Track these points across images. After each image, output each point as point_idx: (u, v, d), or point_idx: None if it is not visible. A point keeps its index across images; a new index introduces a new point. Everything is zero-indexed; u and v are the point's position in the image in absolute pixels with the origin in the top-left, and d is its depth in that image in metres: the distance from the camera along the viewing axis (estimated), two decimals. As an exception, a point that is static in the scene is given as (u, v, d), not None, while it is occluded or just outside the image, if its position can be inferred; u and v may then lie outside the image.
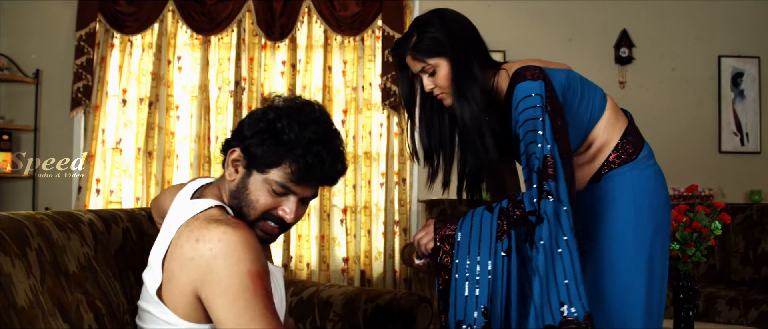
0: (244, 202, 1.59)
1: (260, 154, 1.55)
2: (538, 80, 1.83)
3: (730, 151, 5.18)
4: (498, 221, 1.79)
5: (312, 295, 2.86)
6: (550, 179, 1.74)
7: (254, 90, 4.86)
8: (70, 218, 1.87)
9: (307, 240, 4.87)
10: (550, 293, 1.69)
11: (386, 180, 4.92)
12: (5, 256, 1.52)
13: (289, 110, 1.58)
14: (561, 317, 1.67)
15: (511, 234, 1.78)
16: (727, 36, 5.22)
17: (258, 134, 1.56)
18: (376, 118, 4.98)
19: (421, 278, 4.30)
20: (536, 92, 1.81)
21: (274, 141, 1.54)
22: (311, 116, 1.58)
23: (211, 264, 1.45)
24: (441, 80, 1.94)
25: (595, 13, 5.13)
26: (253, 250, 1.47)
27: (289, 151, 1.53)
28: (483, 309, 1.74)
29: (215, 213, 1.56)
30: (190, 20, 4.81)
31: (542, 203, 1.73)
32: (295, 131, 1.53)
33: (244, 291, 1.44)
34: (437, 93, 1.97)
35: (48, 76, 4.85)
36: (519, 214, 1.78)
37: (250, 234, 1.50)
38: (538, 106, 1.80)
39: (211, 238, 1.46)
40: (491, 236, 1.78)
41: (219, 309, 1.45)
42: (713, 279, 4.47)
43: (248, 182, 1.58)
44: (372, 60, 4.98)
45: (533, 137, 1.79)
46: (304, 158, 1.53)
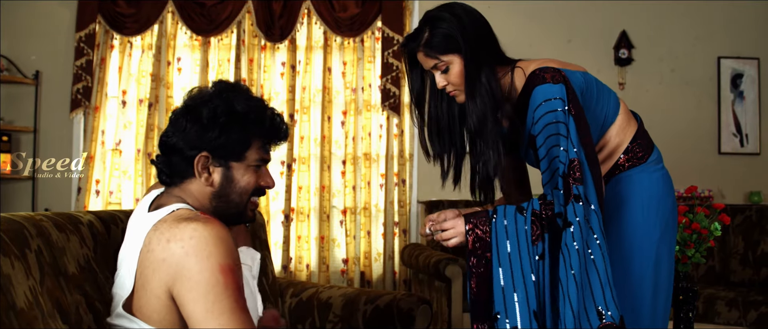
0: (234, 193, 1.63)
1: (229, 143, 1.59)
2: (559, 84, 1.80)
3: (729, 152, 5.18)
4: (532, 224, 1.76)
5: (311, 296, 2.86)
6: (578, 183, 1.72)
7: (254, 91, 4.86)
8: (70, 219, 1.87)
9: (307, 242, 4.87)
10: (585, 298, 1.68)
11: (386, 181, 4.92)
12: (5, 257, 1.52)
13: (211, 95, 1.60)
14: (600, 322, 1.68)
15: (544, 237, 1.76)
16: (727, 37, 5.23)
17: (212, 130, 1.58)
18: (376, 119, 4.98)
19: (421, 279, 4.30)
20: (557, 96, 1.79)
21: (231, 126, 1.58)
22: (233, 89, 1.62)
23: (183, 261, 1.45)
24: (454, 77, 1.90)
25: (594, 15, 5.14)
26: (224, 244, 1.48)
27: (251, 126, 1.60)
28: (534, 313, 1.73)
29: (183, 212, 1.56)
30: (190, 21, 4.81)
31: (569, 207, 1.71)
32: (243, 106, 1.58)
33: (215, 286, 1.44)
34: (450, 90, 1.94)
35: (48, 78, 4.85)
36: (550, 215, 1.75)
37: (222, 229, 1.50)
38: (560, 110, 1.77)
39: (182, 236, 1.46)
40: (527, 241, 1.76)
41: (189, 303, 1.45)
42: (713, 280, 4.47)
43: (231, 174, 1.62)
44: (372, 61, 4.98)
45: (556, 141, 1.77)
46: (261, 126, 1.61)
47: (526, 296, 1.72)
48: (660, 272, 1.95)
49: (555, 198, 1.75)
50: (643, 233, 1.93)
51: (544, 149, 1.80)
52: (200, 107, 1.59)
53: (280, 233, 4.85)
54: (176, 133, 1.60)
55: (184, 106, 1.62)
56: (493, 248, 1.78)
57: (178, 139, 1.60)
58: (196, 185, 1.63)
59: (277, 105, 4.91)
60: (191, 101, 1.62)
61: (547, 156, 1.79)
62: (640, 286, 1.91)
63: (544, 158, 1.80)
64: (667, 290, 1.99)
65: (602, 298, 1.68)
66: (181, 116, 1.61)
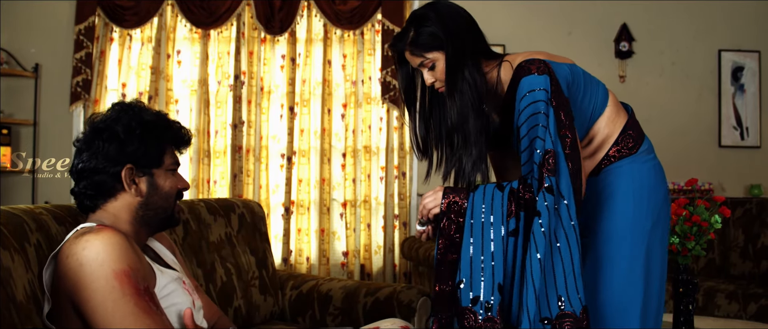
0: (161, 198, 1.73)
1: (147, 153, 1.69)
2: (544, 75, 1.82)
3: (729, 145, 5.18)
4: (508, 200, 1.80)
5: (312, 289, 2.86)
6: (550, 174, 1.74)
7: (254, 84, 4.86)
8: (69, 212, 1.88)
9: (307, 234, 4.87)
10: (547, 285, 1.71)
11: (386, 174, 4.92)
12: (4, 250, 1.52)
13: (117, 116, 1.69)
14: (558, 310, 1.70)
15: (519, 216, 1.79)
16: (727, 30, 5.22)
17: (130, 144, 1.66)
18: (376, 112, 4.98)
19: (421, 272, 4.30)
20: (541, 87, 1.81)
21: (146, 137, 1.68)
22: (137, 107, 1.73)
23: (78, 272, 1.49)
24: (440, 73, 1.94)
25: (594, 7, 5.13)
26: (116, 251, 1.51)
27: (160, 136, 1.72)
28: (498, 286, 1.76)
29: (84, 229, 1.61)
30: (190, 14, 4.80)
31: (540, 196, 1.73)
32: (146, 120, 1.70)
33: (111, 292, 1.48)
34: (438, 86, 1.98)
35: (47, 71, 4.84)
36: (529, 197, 1.78)
37: (116, 236, 1.54)
38: (542, 100, 1.80)
39: (76, 250, 1.51)
40: (502, 215, 1.79)
41: (89, 312, 1.49)
42: (713, 273, 4.47)
43: (155, 180, 1.71)
44: (372, 54, 4.97)
45: (536, 132, 1.79)
46: (169, 133, 1.75)
47: (492, 269, 1.77)
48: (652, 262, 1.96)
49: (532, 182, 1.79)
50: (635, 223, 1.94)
51: (526, 139, 1.82)
52: (113, 125, 1.67)
53: (280, 225, 4.85)
54: (93, 156, 1.66)
55: (93, 129, 1.68)
56: (467, 217, 1.82)
57: (98, 160, 1.65)
58: (120, 202, 1.68)
59: (277, 98, 4.91)
60: (101, 124, 1.69)
61: (529, 147, 1.82)
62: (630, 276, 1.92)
63: (526, 150, 1.83)
64: (660, 280, 2.00)
65: (564, 288, 1.71)
66: (93, 139, 1.67)
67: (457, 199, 1.86)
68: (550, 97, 1.81)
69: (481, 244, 1.79)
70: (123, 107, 1.71)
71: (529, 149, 1.81)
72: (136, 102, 1.76)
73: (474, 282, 1.77)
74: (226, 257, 2.68)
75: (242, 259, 2.76)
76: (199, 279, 2.46)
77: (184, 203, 2.59)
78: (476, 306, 1.76)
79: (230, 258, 2.70)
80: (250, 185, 4.83)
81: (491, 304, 1.75)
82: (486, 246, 1.79)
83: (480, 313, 1.75)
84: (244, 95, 4.85)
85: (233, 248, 2.75)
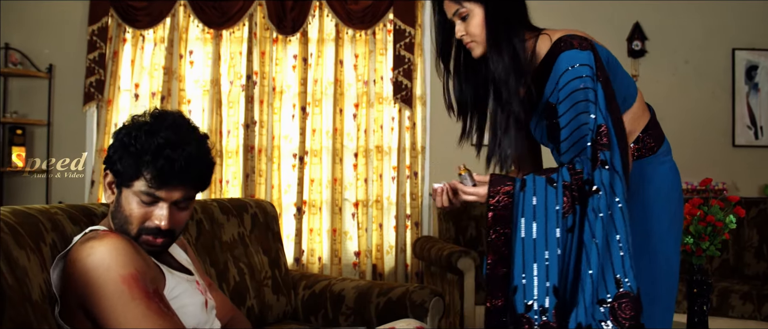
0: (122, 219, 1.64)
1: (122, 169, 1.61)
2: (586, 50, 1.78)
3: (744, 144, 5.14)
4: (563, 196, 1.72)
5: (324, 289, 2.87)
6: (604, 149, 1.70)
7: (266, 84, 4.86)
8: (84, 211, 1.89)
9: (319, 234, 4.88)
10: (604, 264, 1.66)
11: (398, 174, 4.92)
12: (20, 250, 1.53)
13: (140, 123, 1.64)
14: (616, 290, 1.65)
15: (575, 209, 1.72)
16: (741, 29, 5.18)
17: (116, 151, 1.62)
18: (388, 112, 4.97)
19: (433, 272, 4.30)
20: (584, 62, 1.76)
21: (128, 154, 1.60)
22: (162, 124, 1.63)
23: (85, 278, 1.50)
24: (473, 28, 1.88)
25: (607, 6, 5.10)
26: (122, 255, 1.52)
27: (141, 159, 1.59)
28: (554, 288, 1.69)
29: (88, 235, 1.61)
30: (202, 14, 4.82)
31: (597, 173, 1.69)
32: (142, 141, 1.59)
33: (120, 296, 1.48)
34: (467, 41, 1.91)
35: (61, 71, 4.87)
36: (581, 185, 1.72)
37: (120, 241, 1.55)
38: (587, 76, 1.75)
39: (81, 256, 1.51)
40: (557, 215, 1.71)
41: (100, 317, 1.50)
42: (727, 274, 4.45)
43: (121, 199, 1.64)
44: (383, 54, 4.97)
45: (585, 107, 1.74)
46: (154, 163, 1.58)
47: (546, 271, 1.69)
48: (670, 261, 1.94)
49: (583, 166, 1.73)
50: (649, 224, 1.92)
51: (568, 116, 1.77)
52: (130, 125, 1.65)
53: (292, 225, 4.85)
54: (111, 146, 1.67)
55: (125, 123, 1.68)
56: (518, 221, 1.73)
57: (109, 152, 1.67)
58: None
59: (289, 98, 4.92)
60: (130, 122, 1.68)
61: (573, 123, 1.76)
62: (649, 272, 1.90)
63: (567, 126, 1.77)
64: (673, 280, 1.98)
65: (621, 266, 1.66)
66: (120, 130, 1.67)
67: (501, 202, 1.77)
68: (596, 72, 1.76)
69: (533, 246, 1.71)
70: (154, 115, 1.67)
71: (574, 126, 1.76)
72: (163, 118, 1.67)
73: (527, 287, 1.70)
74: (239, 256, 2.69)
75: (255, 259, 2.77)
76: (212, 278, 2.47)
77: (197, 204, 2.59)
78: (530, 313, 1.69)
79: (243, 258, 2.70)
80: (263, 185, 4.84)
81: (547, 308, 1.68)
82: (539, 247, 1.71)
83: (535, 319, 1.68)
84: (256, 94, 4.86)
85: (246, 248, 2.75)
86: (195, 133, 1.68)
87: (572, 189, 1.72)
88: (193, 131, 1.69)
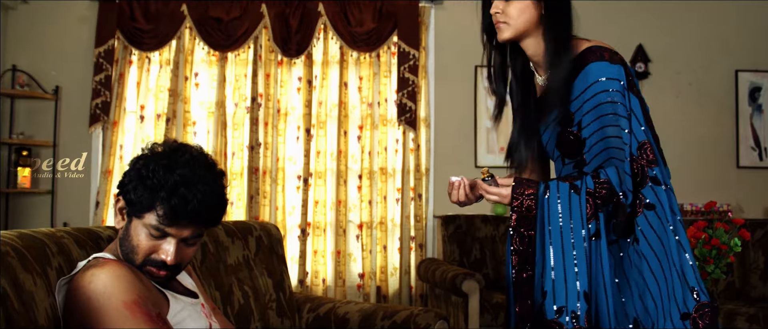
0: (129, 248, 1.64)
1: (135, 200, 1.61)
2: (617, 64, 1.78)
3: (748, 166, 5.14)
4: (587, 203, 1.72)
5: (329, 312, 2.86)
6: (653, 165, 1.71)
7: (270, 106, 4.89)
8: (90, 235, 1.89)
9: (323, 256, 4.87)
10: (674, 282, 1.67)
11: (402, 196, 4.92)
12: (27, 274, 1.53)
13: (158, 155, 1.64)
14: (695, 302, 1.67)
15: (599, 217, 1.72)
16: (744, 50, 5.20)
17: (132, 181, 1.62)
18: (392, 133, 4.99)
19: (438, 294, 4.29)
20: (614, 77, 1.76)
21: (143, 186, 1.59)
22: (179, 159, 1.62)
23: (88, 305, 1.50)
24: (513, 9, 1.85)
25: (610, 29, 5.11)
26: (123, 282, 1.53)
27: (155, 194, 1.58)
28: (584, 294, 1.68)
29: (90, 262, 1.62)
30: (207, 37, 4.85)
31: (648, 189, 1.70)
32: (159, 176, 1.58)
33: (124, 321, 1.49)
34: (499, 19, 1.86)
35: (67, 93, 4.90)
36: (605, 194, 1.72)
37: (120, 268, 1.56)
38: (616, 90, 1.75)
39: (83, 284, 1.52)
40: (582, 220, 1.71)
41: None
42: (733, 296, 4.43)
43: (130, 228, 1.64)
44: (387, 76, 4.99)
45: (615, 121, 1.74)
46: (168, 200, 1.57)
47: (575, 275, 1.69)
48: None
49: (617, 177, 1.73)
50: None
51: (593, 126, 1.77)
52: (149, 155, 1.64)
53: (296, 247, 4.85)
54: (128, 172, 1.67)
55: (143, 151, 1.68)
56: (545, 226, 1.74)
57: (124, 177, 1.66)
58: None
59: (293, 120, 4.94)
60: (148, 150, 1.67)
61: (598, 134, 1.76)
62: None
63: (592, 137, 1.77)
64: None
65: (694, 279, 1.68)
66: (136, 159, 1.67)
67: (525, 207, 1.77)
68: (627, 86, 1.75)
69: (561, 251, 1.71)
70: (173, 147, 1.67)
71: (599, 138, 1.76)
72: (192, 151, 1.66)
73: (557, 292, 1.70)
74: (244, 279, 2.69)
75: (259, 281, 2.76)
76: (216, 301, 2.47)
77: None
78: (561, 317, 1.68)
79: (248, 281, 2.70)
80: (267, 207, 4.85)
81: (578, 313, 1.67)
82: (567, 253, 1.70)
83: (567, 324, 1.67)
84: (261, 116, 4.88)
85: (251, 270, 2.75)
86: (211, 171, 1.67)
87: (595, 197, 1.73)
88: (210, 168, 1.68)
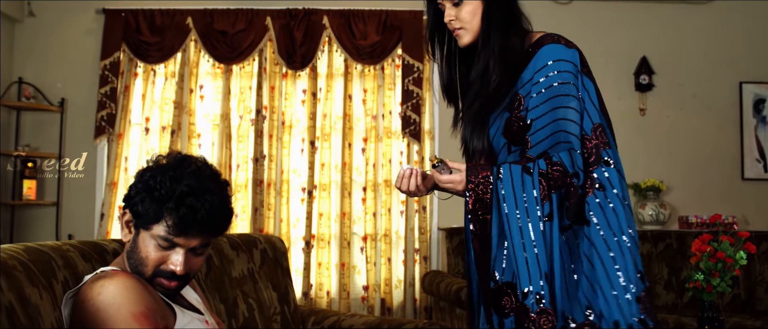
0: (138, 260, 1.65)
1: (142, 211, 1.62)
2: (572, 49, 1.79)
3: (753, 178, 5.12)
4: (539, 184, 1.72)
5: (333, 325, 2.86)
6: (606, 147, 1.72)
7: (275, 118, 4.90)
8: (95, 248, 1.90)
9: (328, 268, 4.87)
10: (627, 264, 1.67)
11: (406, 208, 4.92)
12: (33, 287, 1.54)
13: (164, 166, 1.65)
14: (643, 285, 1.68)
15: (551, 198, 1.72)
16: (748, 62, 5.19)
17: (139, 193, 1.63)
18: (396, 146, 4.99)
19: (442, 307, 4.28)
20: (569, 59, 1.77)
21: (151, 198, 1.60)
22: (186, 170, 1.64)
23: (96, 317, 1.51)
24: (465, 14, 1.86)
25: (614, 41, 5.13)
26: (132, 293, 1.53)
27: (163, 205, 1.59)
28: (545, 275, 1.68)
29: (98, 274, 1.62)
30: (213, 50, 4.87)
31: (599, 170, 1.70)
32: (166, 187, 1.59)
33: None
34: (456, 27, 1.89)
35: (73, 105, 4.92)
36: (557, 176, 1.72)
37: (129, 279, 1.56)
38: (569, 71, 1.76)
39: (92, 295, 1.53)
40: (536, 202, 1.71)
41: None
42: (739, 309, 4.41)
43: (138, 240, 1.65)
44: (392, 88, 5.00)
45: (566, 102, 1.74)
46: (176, 210, 1.58)
47: (536, 257, 1.68)
48: None
49: (569, 159, 1.73)
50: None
51: (544, 107, 1.76)
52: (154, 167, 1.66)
53: (300, 259, 4.85)
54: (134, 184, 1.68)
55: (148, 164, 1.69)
56: (502, 210, 1.73)
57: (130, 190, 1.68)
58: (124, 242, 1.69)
59: (298, 132, 4.95)
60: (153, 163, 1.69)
61: (548, 116, 1.76)
62: None
63: (542, 117, 1.76)
64: None
65: (641, 263, 1.69)
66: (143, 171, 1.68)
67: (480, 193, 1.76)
68: (584, 69, 1.77)
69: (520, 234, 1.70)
70: (178, 159, 1.68)
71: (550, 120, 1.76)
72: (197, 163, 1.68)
73: (521, 276, 1.69)
74: (248, 292, 2.69)
75: (264, 294, 2.76)
76: (221, 315, 2.47)
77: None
78: (527, 300, 1.67)
79: (252, 294, 2.70)
80: (271, 219, 4.85)
81: (543, 294, 1.66)
82: (526, 235, 1.69)
83: (532, 307, 1.66)
84: (266, 129, 4.89)
85: (255, 283, 2.75)
86: (217, 181, 1.69)
87: (548, 178, 1.72)
88: (216, 178, 1.70)
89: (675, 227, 4.93)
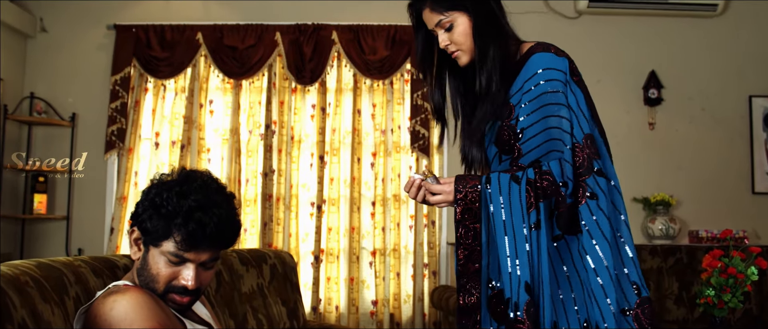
0: (149, 277, 1.65)
1: (151, 229, 1.63)
2: (563, 57, 1.80)
3: (763, 192, 5.09)
4: (526, 193, 1.72)
5: (342, 340, 2.85)
6: (595, 158, 1.71)
7: (284, 133, 4.91)
8: (106, 264, 1.91)
9: (336, 283, 4.87)
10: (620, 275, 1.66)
11: (415, 223, 4.92)
12: (45, 303, 1.55)
13: (170, 183, 1.66)
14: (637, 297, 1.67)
15: (539, 207, 1.72)
16: (758, 75, 5.18)
17: (146, 210, 1.64)
18: (405, 160, 5.00)
19: (452, 322, 4.26)
20: (559, 68, 1.78)
21: (158, 215, 1.61)
22: (192, 185, 1.64)
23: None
24: (458, 36, 1.88)
25: (622, 55, 5.13)
26: (145, 309, 1.54)
27: (171, 221, 1.60)
28: (526, 285, 1.67)
29: (110, 289, 1.63)
30: (222, 65, 4.90)
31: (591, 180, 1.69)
32: (173, 203, 1.60)
33: None
34: (453, 50, 1.91)
35: (83, 120, 4.96)
36: (546, 185, 1.72)
37: (142, 295, 1.57)
38: (559, 80, 1.76)
39: (104, 311, 1.53)
40: (522, 210, 1.71)
41: None
42: (750, 324, 4.38)
43: (148, 257, 1.66)
44: (401, 103, 5.01)
45: (556, 111, 1.75)
46: (185, 226, 1.59)
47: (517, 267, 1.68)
48: None
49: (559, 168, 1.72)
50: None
51: (535, 116, 1.77)
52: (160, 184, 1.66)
53: (309, 274, 4.85)
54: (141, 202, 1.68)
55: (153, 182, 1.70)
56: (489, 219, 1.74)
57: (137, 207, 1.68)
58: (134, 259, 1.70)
59: (307, 147, 4.96)
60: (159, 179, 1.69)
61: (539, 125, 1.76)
62: None
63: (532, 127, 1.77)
64: None
65: (636, 273, 1.68)
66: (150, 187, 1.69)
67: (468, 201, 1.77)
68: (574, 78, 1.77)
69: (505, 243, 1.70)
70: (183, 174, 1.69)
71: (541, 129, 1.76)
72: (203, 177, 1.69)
73: (504, 284, 1.69)
74: (258, 308, 2.69)
75: (274, 310, 2.77)
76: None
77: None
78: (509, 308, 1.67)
79: (262, 309, 2.71)
80: (280, 234, 4.85)
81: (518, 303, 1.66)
82: (510, 244, 1.70)
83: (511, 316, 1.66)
84: (275, 143, 4.90)
85: (265, 299, 2.76)
86: (223, 194, 1.70)
87: (536, 187, 1.72)
88: (222, 192, 1.71)
89: (685, 241, 4.91)
